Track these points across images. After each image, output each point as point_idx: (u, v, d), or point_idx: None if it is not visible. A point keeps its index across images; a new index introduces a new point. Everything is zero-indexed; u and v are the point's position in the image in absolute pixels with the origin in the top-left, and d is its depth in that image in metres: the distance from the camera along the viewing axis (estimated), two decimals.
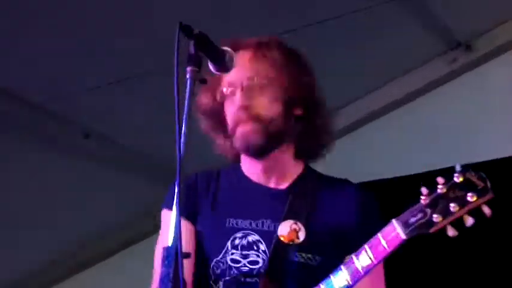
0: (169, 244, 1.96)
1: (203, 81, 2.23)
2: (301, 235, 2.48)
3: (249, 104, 2.59)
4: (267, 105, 2.61)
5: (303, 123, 2.67)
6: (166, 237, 2.41)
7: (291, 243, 2.46)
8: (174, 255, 1.94)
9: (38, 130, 5.05)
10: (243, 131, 2.57)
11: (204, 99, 2.68)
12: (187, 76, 2.15)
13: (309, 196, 2.59)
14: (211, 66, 2.34)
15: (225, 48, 2.34)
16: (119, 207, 5.89)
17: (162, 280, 1.93)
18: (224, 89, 2.64)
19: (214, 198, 2.54)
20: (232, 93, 2.62)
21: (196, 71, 2.16)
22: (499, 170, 4.67)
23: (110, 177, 5.56)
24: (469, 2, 4.79)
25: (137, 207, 5.91)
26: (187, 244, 2.41)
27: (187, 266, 2.27)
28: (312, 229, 2.50)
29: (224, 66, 2.31)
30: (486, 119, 4.78)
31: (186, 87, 2.14)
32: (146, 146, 5.31)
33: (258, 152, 2.59)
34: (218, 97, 2.63)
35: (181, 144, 2.03)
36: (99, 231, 6.16)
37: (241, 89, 2.60)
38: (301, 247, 2.47)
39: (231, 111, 2.61)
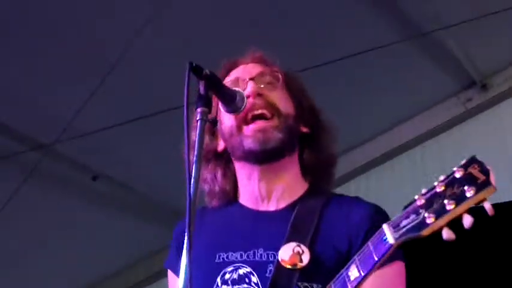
0: None
1: (214, 123, 2.20)
2: (305, 258, 2.24)
3: (264, 93, 2.42)
4: (282, 99, 2.46)
5: (308, 141, 2.52)
6: None
7: (292, 267, 2.24)
8: None
9: (48, 171, 5.00)
10: (260, 127, 2.37)
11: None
12: (198, 117, 2.12)
13: (313, 215, 2.37)
14: (221, 107, 2.31)
15: (236, 88, 2.31)
16: (124, 250, 5.84)
17: None
18: None
19: (206, 237, 2.31)
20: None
21: (207, 112, 2.13)
22: None
23: (116, 219, 5.53)
24: (484, 41, 4.77)
25: (143, 250, 5.85)
26: None
27: None
28: (317, 251, 2.28)
29: (235, 106, 2.27)
30: (502, 161, 4.73)
31: (196, 128, 2.11)
32: (154, 189, 5.31)
33: (274, 152, 2.39)
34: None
35: (192, 187, 1.98)
36: (104, 273, 6.13)
37: (252, 79, 2.45)
38: (304, 273, 2.24)
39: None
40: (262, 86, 2.46)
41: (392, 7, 4.51)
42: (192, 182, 1.99)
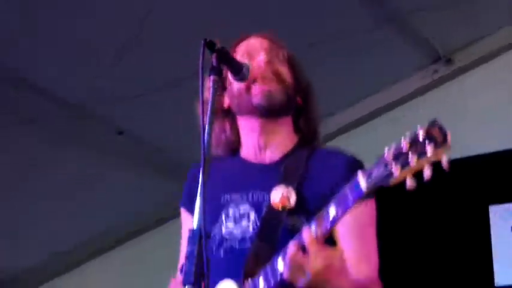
0: (194, 227, 2.00)
1: (224, 89, 2.37)
2: (292, 200, 2.36)
3: (274, 62, 2.55)
4: (286, 71, 2.57)
5: (300, 109, 2.64)
6: (185, 230, 2.43)
7: (282, 208, 2.36)
8: (198, 235, 1.97)
9: (77, 128, 5.10)
10: (266, 88, 2.48)
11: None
12: (211, 84, 2.21)
13: (300, 164, 2.48)
14: (230, 76, 2.40)
15: (243, 61, 2.39)
16: (140, 198, 5.87)
17: (187, 257, 1.95)
18: (238, 57, 2.52)
19: (212, 180, 2.22)
20: (250, 56, 2.53)
21: (218, 80, 2.23)
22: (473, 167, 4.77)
23: (133, 171, 5.59)
24: (449, 22, 4.91)
25: (158, 198, 5.86)
26: None
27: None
28: (303, 194, 2.40)
29: (242, 75, 2.38)
30: (463, 123, 4.84)
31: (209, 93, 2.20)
32: (168, 143, 5.31)
33: (275, 109, 2.50)
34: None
35: (205, 139, 2.09)
36: (125, 218, 6.14)
37: (264, 50, 2.56)
38: (292, 211, 2.37)
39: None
40: (272, 57, 2.57)
41: None
42: (206, 136, 2.09)
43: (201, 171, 2.05)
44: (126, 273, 6.17)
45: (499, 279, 4.75)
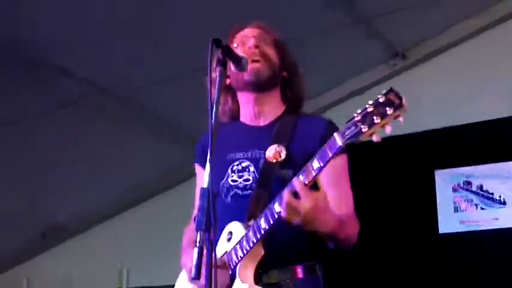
0: (205, 186, 2.08)
1: (227, 77, 2.44)
2: (283, 155, 2.47)
3: (260, 46, 2.64)
4: (271, 53, 2.67)
5: (287, 82, 2.71)
6: (199, 182, 2.72)
7: (275, 161, 2.47)
8: (207, 194, 2.04)
9: (111, 107, 5.15)
10: (255, 67, 2.57)
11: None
12: (217, 74, 2.30)
13: (289, 127, 2.58)
14: (232, 67, 2.45)
15: (242, 54, 2.45)
16: (159, 164, 5.98)
17: (199, 210, 2.04)
18: (235, 45, 2.64)
19: (220, 143, 2.25)
20: (243, 43, 2.63)
21: (223, 70, 2.33)
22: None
23: (153, 143, 5.68)
24: (406, 23, 5.05)
25: (171, 163, 5.95)
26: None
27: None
28: (291, 150, 2.51)
29: (241, 66, 2.49)
30: (416, 105, 4.90)
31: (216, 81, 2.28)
32: (182, 120, 5.38)
33: (263, 83, 2.60)
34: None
35: (213, 116, 2.15)
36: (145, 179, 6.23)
37: (253, 37, 2.67)
38: (282, 164, 2.48)
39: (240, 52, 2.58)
40: (260, 42, 2.68)
41: None
42: (213, 113, 2.16)
43: (209, 141, 2.14)
44: (146, 228, 6.18)
45: (442, 228, 5.03)
